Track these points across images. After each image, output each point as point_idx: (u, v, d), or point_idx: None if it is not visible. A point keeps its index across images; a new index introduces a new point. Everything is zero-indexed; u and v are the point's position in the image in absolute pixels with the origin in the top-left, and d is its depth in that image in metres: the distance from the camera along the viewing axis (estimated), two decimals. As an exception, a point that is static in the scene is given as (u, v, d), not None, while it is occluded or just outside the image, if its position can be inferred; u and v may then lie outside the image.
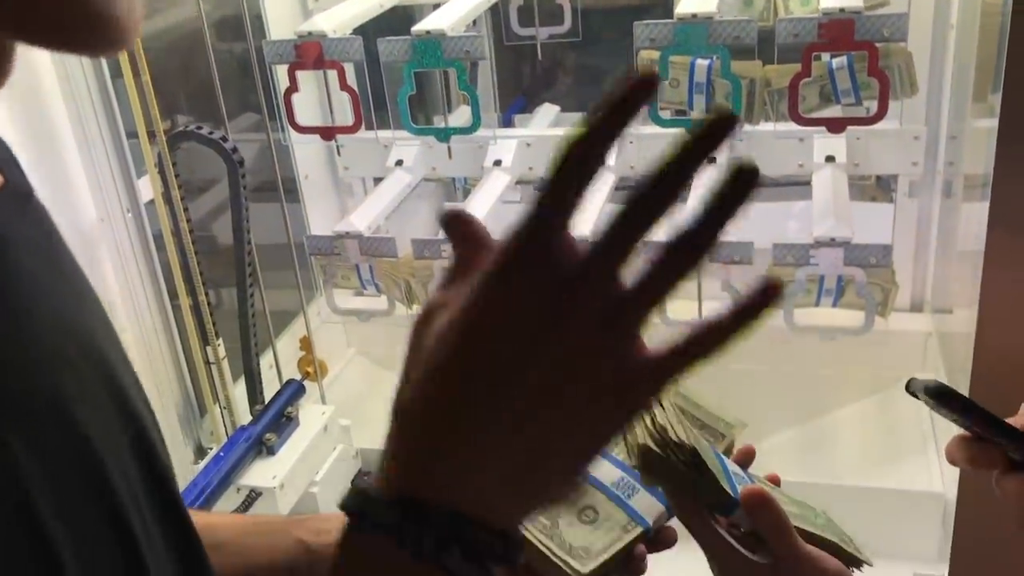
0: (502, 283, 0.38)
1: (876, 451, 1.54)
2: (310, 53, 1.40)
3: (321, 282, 1.59)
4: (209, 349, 1.39)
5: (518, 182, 1.82)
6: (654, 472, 0.62)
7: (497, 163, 1.61)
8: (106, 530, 0.42)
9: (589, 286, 0.37)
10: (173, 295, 1.38)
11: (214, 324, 1.38)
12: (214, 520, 0.72)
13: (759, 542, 0.62)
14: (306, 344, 1.55)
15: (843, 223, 1.32)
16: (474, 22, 1.68)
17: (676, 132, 1.21)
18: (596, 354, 0.38)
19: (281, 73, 1.44)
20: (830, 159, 1.48)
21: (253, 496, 1.27)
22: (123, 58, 1.20)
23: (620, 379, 0.39)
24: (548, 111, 1.91)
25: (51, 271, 0.46)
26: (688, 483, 0.62)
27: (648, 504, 0.67)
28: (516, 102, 2.22)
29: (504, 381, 0.38)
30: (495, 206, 1.54)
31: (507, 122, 1.98)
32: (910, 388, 0.58)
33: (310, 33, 1.38)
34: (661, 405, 0.62)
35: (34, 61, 1.16)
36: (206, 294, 1.37)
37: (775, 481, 0.70)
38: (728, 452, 0.72)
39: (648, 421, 0.61)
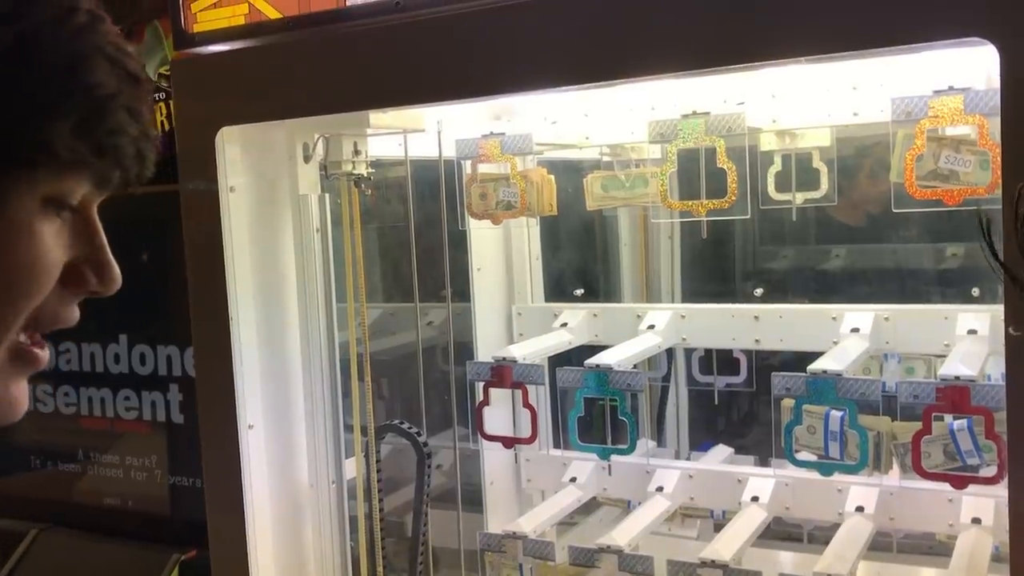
0: None
1: None
2: (503, 374, 1.68)
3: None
4: (377, 618, 1.58)
5: (684, 515, 1.96)
6: None
7: (659, 489, 1.78)
8: None
9: None
10: (357, 566, 1.61)
11: (386, 597, 1.58)
12: None
13: None
14: (462, 631, 1.70)
15: (975, 581, 1.35)
16: (650, 364, 1.93)
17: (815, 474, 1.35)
18: None
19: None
20: (976, 521, 1.52)
21: None
22: (353, 362, 1.55)
23: None
24: (721, 451, 2.06)
25: None
26: None
27: None
28: (705, 443, 2.39)
29: None
30: (653, 528, 1.69)
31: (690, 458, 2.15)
32: None
33: (504, 358, 1.67)
34: None
35: (290, 355, 1.53)
36: (384, 571, 1.59)
37: None
38: None
39: None
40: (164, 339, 1.91)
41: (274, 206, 1.52)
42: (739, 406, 2.23)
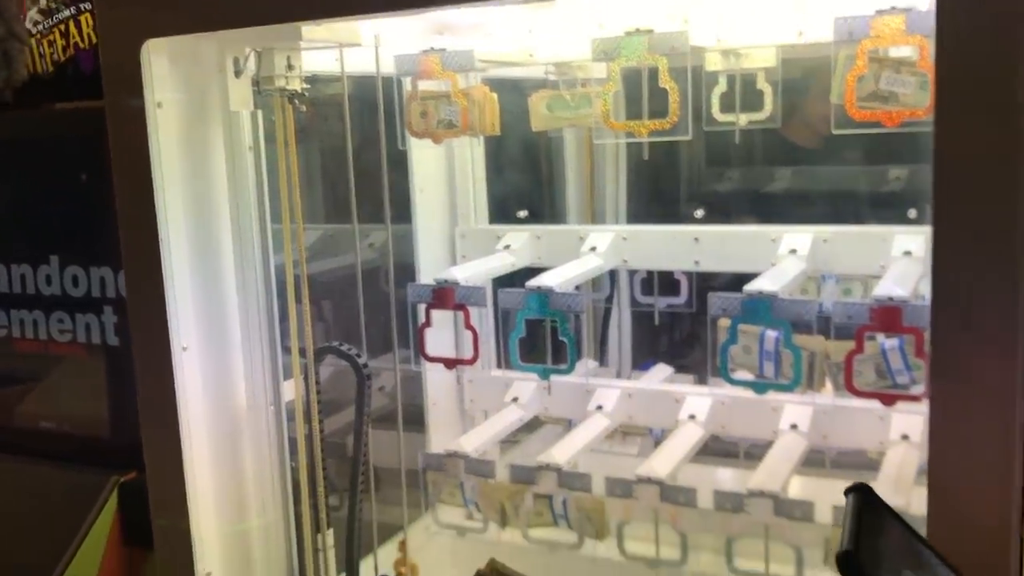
0: None
1: None
2: (444, 296, 1.67)
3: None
4: (320, 537, 1.59)
5: (624, 432, 1.99)
6: None
7: (599, 408, 1.80)
8: None
9: None
10: (297, 487, 1.61)
11: (328, 516, 1.59)
12: None
13: None
14: (403, 547, 1.72)
15: (900, 493, 1.40)
16: (594, 285, 1.93)
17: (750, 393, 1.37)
18: None
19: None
20: (905, 438, 1.57)
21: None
22: (290, 283, 1.52)
23: None
24: (662, 370, 2.09)
25: None
26: None
27: None
28: (646, 363, 2.42)
29: None
30: (592, 446, 1.72)
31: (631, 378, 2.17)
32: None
33: (446, 280, 1.66)
34: None
35: (225, 278, 1.50)
36: (326, 491, 1.59)
37: None
38: None
39: None
40: (97, 260, 1.86)
41: (205, 123, 1.47)
42: (680, 327, 2.25)
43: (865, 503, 0.64)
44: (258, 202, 1.52)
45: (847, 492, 0.65)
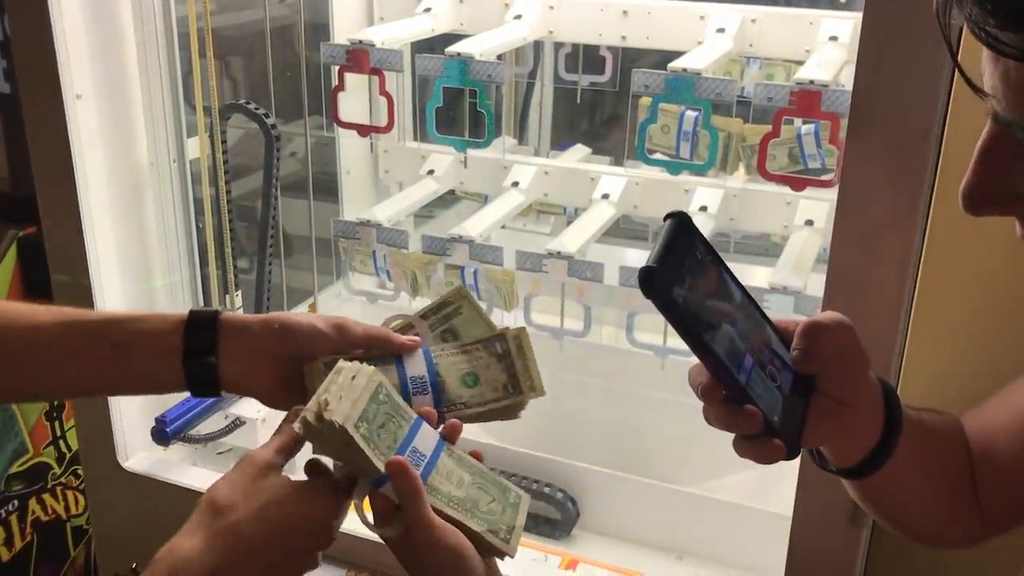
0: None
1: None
2: (360, 58, 1.60)
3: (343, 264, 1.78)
4: (228, 298, 1.59)
5: (539, 211, 1.99)
6: (315, 442, 0.74)
7: (515, 184, 1.79)
8: None
9: None
10: (204, 251, 1.59)
11: (236, 278, 1.58)
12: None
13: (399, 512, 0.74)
14: (312, 310, 1.74)
15: (798, 275, 1.44)
16: (517, 59, 1.87)
17: (664, 172, 1.37)
18: None
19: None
20: (809, 223, 1.60)
21: (236, 423, 1.45)
22: (194, 37, 1.42)
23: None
24: (579, 151, 2.07)
25: None
26: (343, 456, 0.74)
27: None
28: (565, 143, 2.40)
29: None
30: (503, 222, 1.72)
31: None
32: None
33: (361, 41, 1.58)
34: (339, 374, 0.74)
35: (122, 26, 1.40)
36: (233, 254, 1.57)
37: (477, 458, 0.82)
38: (513, 413, 0.84)
39: (319, 393, 0.73)
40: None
41: None
42: (602, 107, 2.22)
43: (680, 229, 0.64)
44: (157, -57, 1.40)
45: (666, 218, 0.65)
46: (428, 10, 1.78)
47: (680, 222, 0.64)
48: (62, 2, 1.30)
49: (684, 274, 0.63)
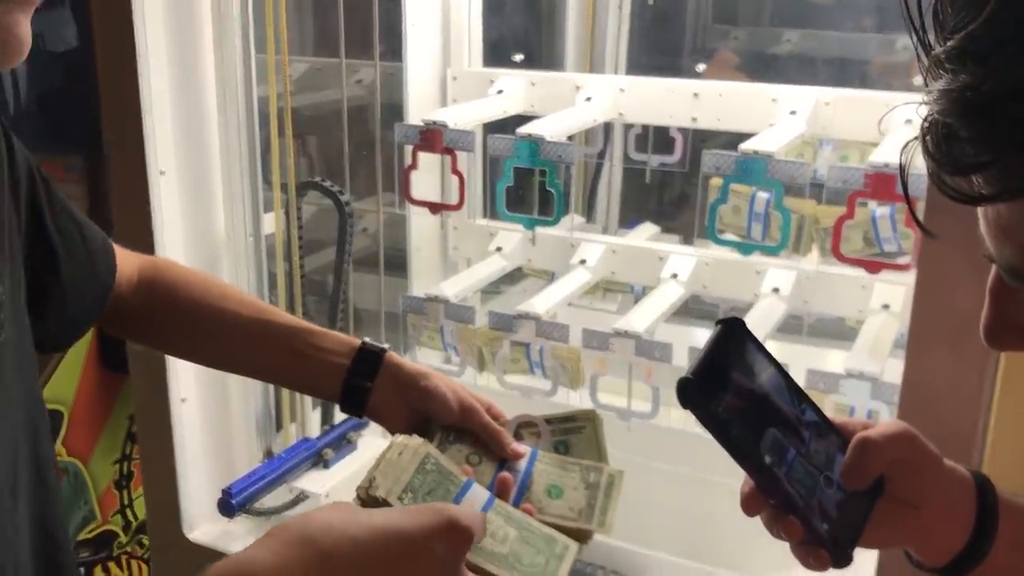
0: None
1: None
2: (432, 138, 1.63)
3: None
4: (295, 372, 1.60)
5: (606, 289, 1.99)
6: None
7: (582, 262, 1.79)
8: None
9: None
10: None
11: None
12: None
13: None
14: (379, 386, 1.74)
15: (875, 361, 1.40)
16: (586, 139, 1.88)
17: (735, 252, 1.35)
18: None
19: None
20: (885, 307, 1.57)
21: (301, 497, 1.45)
22: (274, 117, 1.47)
23: None
24: (648, 229, 2.07)
25: None
26: None
27: None
28: (633, 221, 2.40)
29: None
30: (570, 299, 1.71)
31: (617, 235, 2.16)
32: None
33: (435, 122, 1.62)
34: (390, 450, 0.82)
35: (206, 103, 1.45)
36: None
37: (529, 513, 0.85)
38: (578, 536, 0.85)
39: (371, 470, 0.80)
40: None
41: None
42: (671, 186, 2.22)
43: (729, 334, 0.61)
44: (242, 30, 1.45)
45: (717, 323, 0.61)
46: (501, 92, 1.82)
47: (729, 328, 0.63)
48: (152, 82, 1.36)
49: (728, 383, 0.61)
